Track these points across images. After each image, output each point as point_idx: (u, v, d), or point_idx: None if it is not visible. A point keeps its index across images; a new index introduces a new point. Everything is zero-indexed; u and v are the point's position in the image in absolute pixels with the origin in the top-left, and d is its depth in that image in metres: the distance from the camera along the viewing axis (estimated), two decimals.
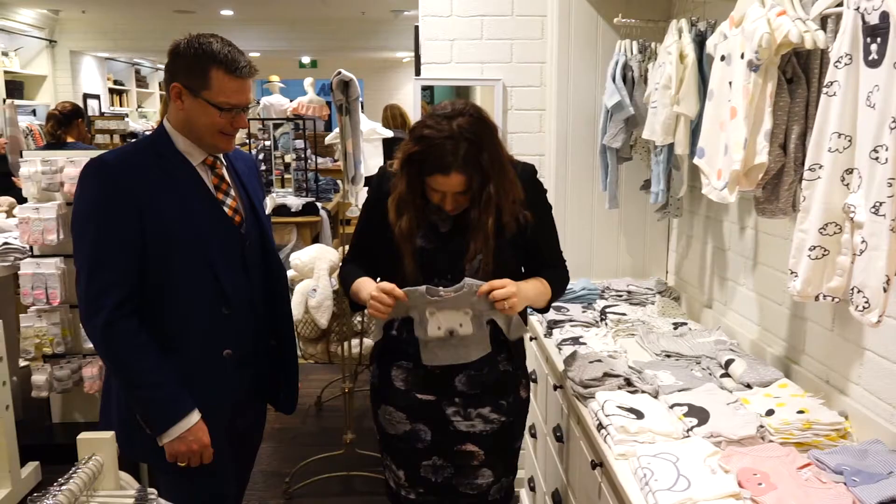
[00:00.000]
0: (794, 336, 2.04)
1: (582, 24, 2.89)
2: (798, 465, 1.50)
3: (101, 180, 1.69)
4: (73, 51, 8.53)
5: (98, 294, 1.67)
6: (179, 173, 1.76)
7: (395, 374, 1.92)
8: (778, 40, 1.56)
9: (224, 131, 1.76)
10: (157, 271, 1.71)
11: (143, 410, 1.72)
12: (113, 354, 1.70)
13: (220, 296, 1.78)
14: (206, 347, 1.79)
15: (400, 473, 1.96)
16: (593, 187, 2.96)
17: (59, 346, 3.42)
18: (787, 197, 1.71)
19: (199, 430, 1.72)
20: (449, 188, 1.74)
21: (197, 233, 1.74)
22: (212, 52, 1.68)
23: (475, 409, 1.89)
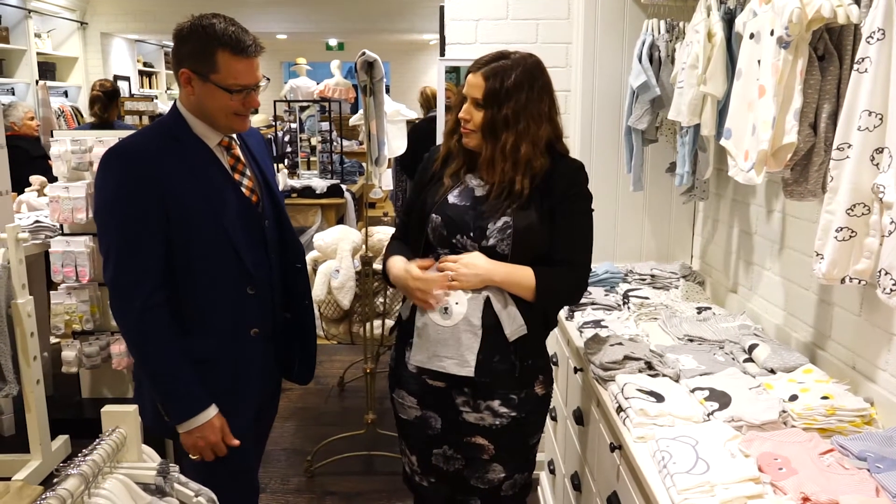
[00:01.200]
0: (820, 321, 2.00)
1: (609, 3, 2.85)
2: (820, 451, 1.47)
3: (121, 168, 1.70)
4: (103, 33, 8.62)
5: (131, 281, 1.68)
6: (197, 157, 1.77)
7: (408, 356, 1.89)
8: (809, 15, 1.51)
9: (237, 112, 1.75)
10: (181, 256, 1.72)
11: (162, 400, 1.75)
12: (142, 343, 1.72)
13: (244, 276, 1.80)
14: (234, 328, 1.81)
15: (413, 459, 1.96)
16: (618, 169, 2.92)
17: (88, 323, 3.49)
18: (816, 178, 1.67)
19: (210, 428, 1.75)
20: (469, 90, 1.78)
21: (218, 215, 1.75)
22: (216, 35, 1.67)
23: (484, 401, 1.83)
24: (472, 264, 1.77)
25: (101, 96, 4.47)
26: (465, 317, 1.76)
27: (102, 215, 1.72)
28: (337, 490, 3.19)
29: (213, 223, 1.74)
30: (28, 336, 3.06)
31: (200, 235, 1.73)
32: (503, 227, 1.78)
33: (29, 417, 3.15)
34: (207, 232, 1.74)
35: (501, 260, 1.78)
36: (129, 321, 1.70)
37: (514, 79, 1.75)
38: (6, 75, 7.08)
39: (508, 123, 1.75)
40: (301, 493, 3.17)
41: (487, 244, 1.79)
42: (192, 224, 1.72)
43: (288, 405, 3.94)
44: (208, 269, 1.75)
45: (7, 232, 3.00)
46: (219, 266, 1.76)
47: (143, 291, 1.68)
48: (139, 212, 1.67)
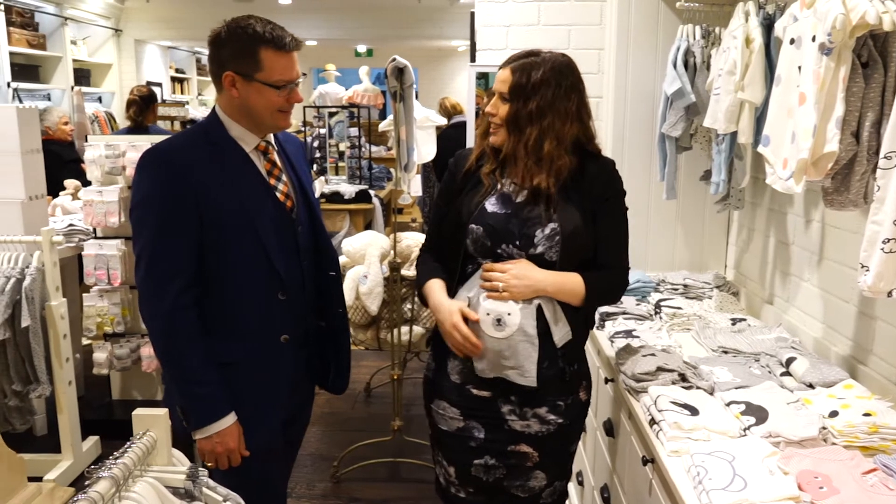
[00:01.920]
0: (861, 335, 1.94)
1: (643, 8, 2.81)
2: (863, 471, 1.43)
3: (157, 170, 1.70)
4: (137, 39, 8.76)
5: (162, 280, 1.68)
6: (233, 160, 1.76)
7: (451, 367, 1.85)
8: (853, 21, 1.47)
9: (282, 109, 1.75)
10: (213, 259, 1.72)
11: (183, 403, 1.74)
12: (168, 344, 1.71)
13: (276, 282, 1.79)
14: (264, 334, 1.80)
15: (451, 470, 1.91)
16: (650, 177, 2.88)
17: (119, 325, 3.53)
18: (858, 188, 1.62)
19: (228, 436, 1.73)
20: (497, 85, 1.77)
21: (251, 220, 1.74)
22: (256, 34, 1.67)
23: (531, 409, 1.81)
24: (524, 275, 1.72)
25: (137, 100, 4.54)
26: (519, 327, 1.73)
27: (137, 214, 1.72)
28: (363, 496, 3.18)
29: (246, 227, 1.74)
30: (61, 338, 3.10)
31: (232, 239, 1.73)
32: (551, 233, 1.74)
33: (61, 418, 3.19)
34: (240, 236, 1.73)
35: (549, 267, 1.75)
36: (157, 320, 1.70)
37: (542, 75, 1.73)
38: (43, 81, 7.22)
39: (532, 118, 1.73)
40: (327, 498, 3.17)
41: (535, 252, 1.75)
42: (224, 227, 1.71)
43: (314, 410, 3.91)
44: (239, 272, 1.75)
45: (42, 235, 3.05)
46: (250, 270, 1.76)
47: (173, 291, 1.67)
48: (173, 212, 1.68)
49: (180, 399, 1.74)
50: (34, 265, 3.04)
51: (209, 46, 1.73)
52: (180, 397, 1.74)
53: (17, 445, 1.90)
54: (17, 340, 3.05)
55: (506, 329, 1.74)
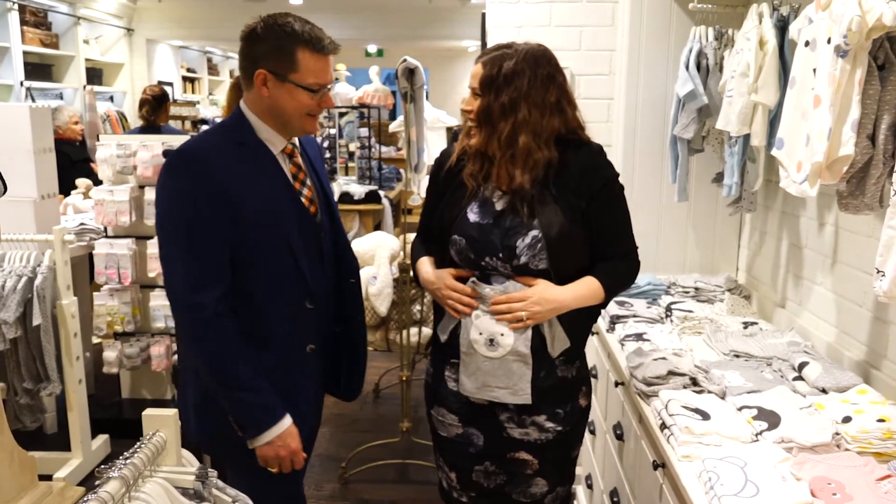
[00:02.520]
0: (875, 340, 1.92)
1: (655, 10, 2.80)
2: (877, 477, 1.41)
3: (187, 170, 1.62)
4: (149, 39, 8.80)
5: (198, 288, 1.59)
6: (261, 163, 1.69)
7: (448, 374, 1.83)
8: (870, 23, 1.46)
9: (312, 113, 1.69)
10: (243, 268, 1.65)
11: (236, 413, 1.66)
12: (212, 353, 1.62)
13: (304, 289, 1.72)
14: (291, 344, 1.73)
15: (452, 475, 1.90)
16: (662, 179, 2.87)
17: (129, 324, 3.54)
18: (873, 191, 1.60)
19: (290, 436, 1.67)
20: (472, 80, 1.73)
21: (280, 225, 1.68)
22: (295, 33, 1.60)
23: (530, 417, 1.78)
24: (545, 299, 1.68)
25: (150, 100, 4.56)
26: (513, 348, 1.69)
27: (167, 219, 1.63)
28: (371, 498, 3.18)
29: (276, 233, 1.67)
30: (71, 336, 3.11)
31: (263, 246, 1.66)
32: (533, 242, 1.69)
33: (71, 416, 3.20)
34: (270, 243, 1.66)
35: (541, 275, 1.70)
36: (199, 329, 1.61)
37: (514, 65, 1.66)
38: (55, 80, 7.26)
39: (505, 111, 1.66)
40: (335, 499, 3.17)
41: (519, 263, 1.70)
42: (254, 232, 1.64)
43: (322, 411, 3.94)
44: (269, 281, 1.68)
45: (54, 234, 3.06)
46: (279, 278, 1.69)
47: (213, 297, 1.59)
48: (206, 215, 1.59)
49: (233, 409, 1.65)
50: (45, 264, 3.05)
51: (242, 41, 1.65)
52: (233, 407, 1.65)
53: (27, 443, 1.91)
54: (28, 338, 3.07)
55: (498, 349, 1.70)
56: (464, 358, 1.75)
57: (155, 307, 3.55)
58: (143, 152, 3.46)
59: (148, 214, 3.50)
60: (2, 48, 6.23)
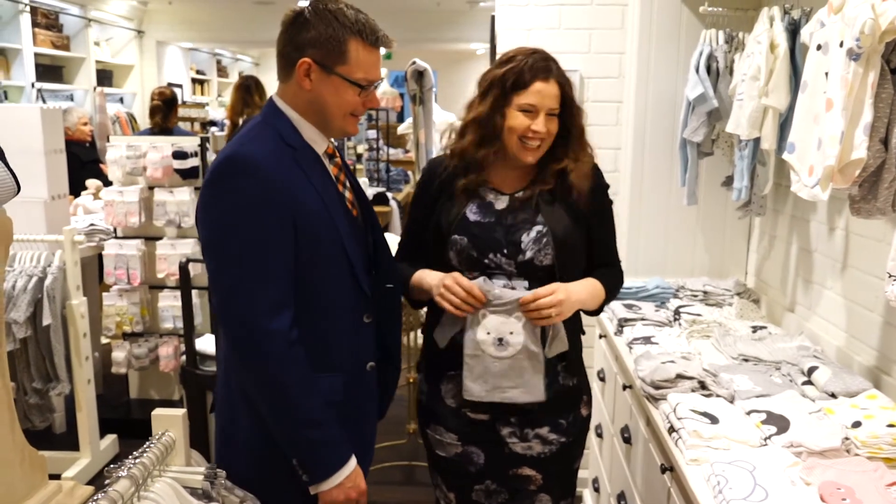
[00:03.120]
0: (885, 345, 1.91)
1: (665, 12, 2.79)
2: (887, 483, 1.40)
3: (249, 179, 1.42)
4: (159, 41, 8.84)
5: (271, 314, 1.42)
6: (312, 166, 1.52)
7: (445, 390, 1.77)
8: (883, 27, 1.45)
9: (355, 113, 1.53)
10: (306, 283, 1.48)
11: (303, 454, 1.48)
12: (282, 388, 1.44)
13: (362, 301, 1.58)
14: (354, 364, 1.58)
15: (451, 496, 1.84)
16: (671, 182, 2.86)
17: (138, 325, 3.56)
18: (886, 196, 1.59)
19: (358, 476, 1.53)
20: (546, 100, 1.66)
21: (337, 233, 1.52)
22: (348, 21, 1.45)
23: (532, 430, 1.75)
24: (570, 294, 1.66)
25: (161, 106, 4.59)
26: (523, 346, 1.66)
27: (225, 234, 1.43)
28: (377, 499, 3.18)
29: (333, 241, 1.51)
30: (81, 336, 3.13)
31: (325, 258, 1.50)
32: (538, 236, 1.69)
33: (79, 416, 3.22)
34: (331, 254, 1.51)
35: (543, 271, 1.70)
36: (269, 363, 1.42)
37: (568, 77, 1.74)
38: (66, 82, 7.31)
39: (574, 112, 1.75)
40: None
41: (525, 258, 1.69)
42: (319, 245, 1.49)
43: None
44: (328, 294, 1.52)
45: (64, 234, 3.08)
46: (338, 290, 1.53)
47: (284, 326, 1.42)
48: (273, 232, 1.42)
49: (298, 450, 1.48)
50: (56, 264, 3.07)
51: (286, 26, 1.49)
52: (298, 447, 1.47)
53: (36, 442, 1.91)
54: (38, 338, 3.09)
55: (508, 349, 1.66)
56: (469, 362, 1.68)
57: (163, 308, 3.57)
58: (152, 153, 3.48)
59: (157, 215, 3.52)
60: (14, 50, 6.27)
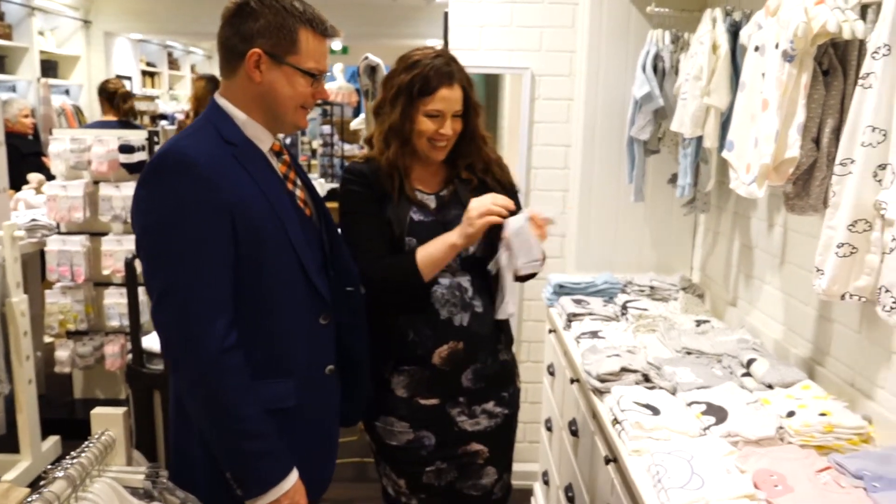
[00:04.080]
0: (819, 337, 1.98)
1: (614, 12, 2.84)
2: (817, 469, 1.45)
3: (188, 178, 1.37)
4: (107, 32, 8.60)
5: (205, 318, 1.37)
6: (256, 163, 1.48)
7: (395, 382, 1.83)
8: (815, 30, 1.50)
9: (305, 105, 1.50)
10: (252, 286, 1.44)
11: (237, 467, 1.42)
12: (218, 395, 1.39)
13: (317, 303, 1.55)
14: (312, 367, 1.55)
15: (401, 482, 1.89)
16: (619, 179, 2.90)
17: (82, 322, 3.48)
18: (818, 193, 1.65)
19: (298, 493, 1.46)
20: (452, 105, 1.76)
21: (286, 235, 1.48)
22: (296, 10, 1.44)
23: (479, 406, 1.86)
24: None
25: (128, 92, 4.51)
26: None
27: (160, 235, 1.38)
28: (329, 497, 3.12)
29: (282, 241, 1.47)
30: (21, 335, 3.04)
31: (272, 258, 1.46)
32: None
33: (20, 417, 3.13)
34: (278, 254, 1.47)
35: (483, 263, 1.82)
36: (202, 369, 1.37)
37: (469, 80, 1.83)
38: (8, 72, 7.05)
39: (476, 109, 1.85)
40: None
41: (469, 253, 1.82)
42: (263, 245, 1.44)
43: None
44: (279, 296, 1.48)
45: (3, 230, 2.99)
46: (290, 292, 1.49)
47: (220, 330, 1.37)
48: (211, 230, 1.38)
49: (235, 462, 1.42)
50: None
51: (230, 18, 1.44)
52: (232, 460, 1.42)
53: None
54: None
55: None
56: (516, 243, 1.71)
57: (109, 305, 3.49)
58: (97, 147, 3.39)
59: (103, 211, 3.44)
60: None
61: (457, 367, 1.82)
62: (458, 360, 1.81)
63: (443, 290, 1.80)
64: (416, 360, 1.81)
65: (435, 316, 1.79)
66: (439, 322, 1.80)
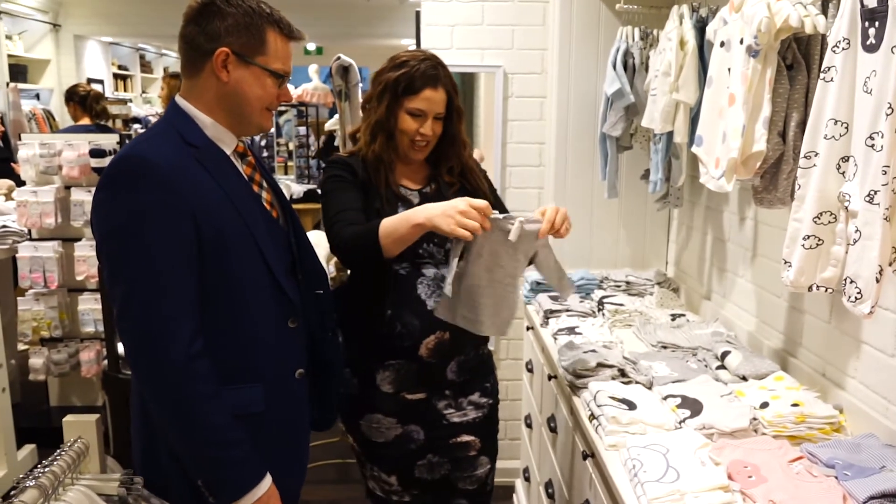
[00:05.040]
0: (791, 329, 2.01)
1: (584, 10, 2.85)
2: (790, 459, 1.48)
3: (148, 182, 1.35)
4: (77, 35, 8.48)
5: (168, 324, 1.34)
6: (219, 166, 1.45)
7: (381, 378, 1.84)
8: (777, 25, 1.53)
9: (270, 107, 1.50)
10: (217, 289, 1.41)
11: (209, 475, 1.39)
12: (185, 403, 1.36)
13: (286, 306, 1.52)
14: (279, 371, 1.52)
15: (391, 479, 1.89)
16: (593, 176, 2.93)
17: (57, 329, 3.43)
18: (785, 186, 1.68)
19: (272, 498, 1.44)
20: (434, 106, 1.80)
21: (252, 237, 1.45)
22: (263, 11, 1.43)
23: (465, 398, 1.90)
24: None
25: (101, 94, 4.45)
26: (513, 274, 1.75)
27: (121, 240, 1.35)
28: (311, 499, 3.15)
29: (249, 246, 1.45)
30: None
31: (238, 262, 1.44)
32: None
33: None
34: (244, 257, 1.44)
35: None
36: (168, 377, 1.34)
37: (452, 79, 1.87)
38: None
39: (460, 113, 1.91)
40: None
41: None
42: (228, 248, 1.42)
43: None
44: (247, 300, 1.45)
45: None
46: (257, 295, 1.47)
47: (183, 337, 1.34)
48: (173, 234, 1.35)
49: (205, 470, 1.39)
50: None
51: (194, 17, 1.42)
52: (202, 468, 1.39)
53: None
54: None
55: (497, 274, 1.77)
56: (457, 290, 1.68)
57: (84, 311, 3.45)
58: (68, 152, 3.35)
59: (75, 216, 3.40)
60: None
61: (443, 359, 1.84)
62: (444, 352, 1.83)
63: (428, 281, 1.81)
64: (404, 352, 1.81)
65: (422, 306, 1.80)
66: (426, 313, 1.78)
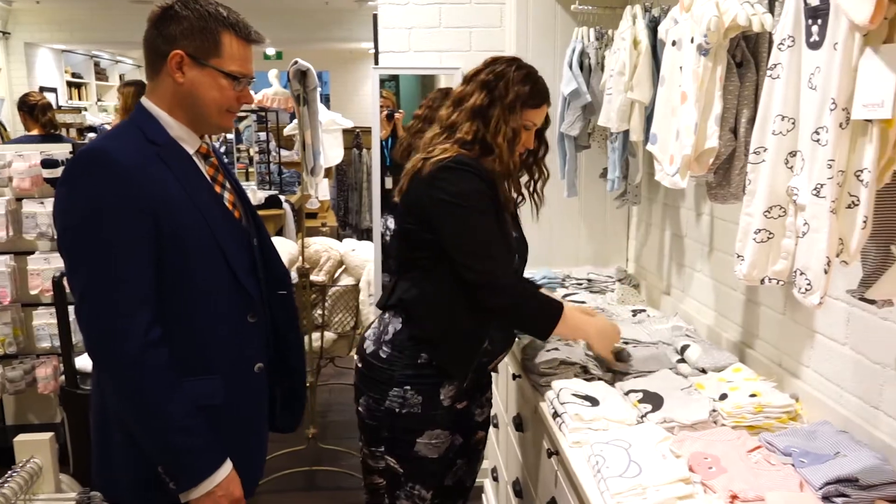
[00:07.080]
0: (748, 321, 2.05)
1: (540, 11, 2.87)
2: (748, 448, 1.50)
3: (105, 174, 1.39)
4: (27, 42, 8.30)
5: (125, 313, 1.38)
6: (180, 165, 1.49)
7: (444, 393, 1.83)
8: (726, 23, 1.55)
9: (231, 109, 1.53)
10: (175, 283, 1.45)
11: (169, 461, 1.42)
12: (142, 391, 1.39)
13: (245, 301, 1.55)
14: (238, 365, 1.55)
15: (427, 495, 1.87)
16: (553, 176, 2.93)
17: (11, 346, 3.34)
18: (738, 181, 1.71)
19: (232, 483, 1.47)
20: (541, 120, 1.89)
21: (212, 234, 1.49)
22: (219, 14, 1.47)
23: (484, 396, 2.06)
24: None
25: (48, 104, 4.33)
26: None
27: (80, 232, 1.39)
28: None
29: (209, 243, 1.49)
30: None
31: (196, 257, 1.47)
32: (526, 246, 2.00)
33: None
34: (202, 253, 1.48)
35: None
36: (124, 366, 1.38)
37: None
38: None
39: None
40: None
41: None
42: (185, 243, 1.45)
43: None
44: (205, 297, 1.49)
45: None
46: (217, 291, 1.51)
47: (142, 325, 1.38)
48: (131, 226, 1.39)
49: (166, 456, 1.42)
50: None
51: (155, 21, 1.47)
52: (162, 454, 1.42)
53: None
54: None
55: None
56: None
57: (38, 326, 3.35)
58: (18, 163, 3.26)
59: (27, 228, 3.31)
60: None
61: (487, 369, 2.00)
62: (488, 364, 1.95)
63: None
64: (480, 367, 1.91)
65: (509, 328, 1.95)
66: (510, 332, 1.96)
